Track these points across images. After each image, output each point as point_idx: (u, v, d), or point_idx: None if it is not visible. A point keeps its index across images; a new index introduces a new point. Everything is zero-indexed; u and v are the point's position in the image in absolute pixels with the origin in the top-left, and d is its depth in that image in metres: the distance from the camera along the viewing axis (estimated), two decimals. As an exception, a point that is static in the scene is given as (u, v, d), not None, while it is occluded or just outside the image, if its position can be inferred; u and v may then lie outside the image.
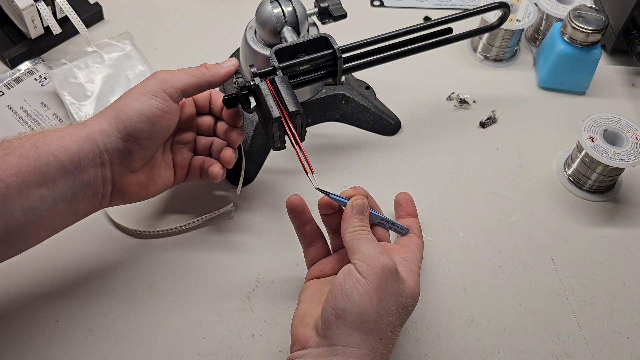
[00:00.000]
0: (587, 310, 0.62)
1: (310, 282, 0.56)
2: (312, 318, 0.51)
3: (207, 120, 0.63)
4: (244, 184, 0.68)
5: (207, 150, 0.63)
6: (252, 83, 0.56)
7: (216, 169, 0.61)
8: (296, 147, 0.54)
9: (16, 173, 0.49)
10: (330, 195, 0.55)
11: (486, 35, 0.82)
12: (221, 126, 0.62)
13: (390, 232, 0.59)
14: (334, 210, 0.56)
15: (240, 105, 0.58)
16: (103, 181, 0.54)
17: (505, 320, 0.61)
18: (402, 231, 0.59)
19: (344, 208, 0.54)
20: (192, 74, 0.56)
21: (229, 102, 0.58)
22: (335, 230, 0.57)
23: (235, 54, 0.74)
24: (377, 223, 0.58)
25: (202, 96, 0.61)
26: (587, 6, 0.76)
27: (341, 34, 0.63)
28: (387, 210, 0.68)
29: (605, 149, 0.66)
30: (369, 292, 0.47)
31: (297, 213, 0.56)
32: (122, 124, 0.53)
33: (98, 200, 0.55)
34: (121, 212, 0.66)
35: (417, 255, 0.56)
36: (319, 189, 0.54)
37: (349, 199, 0.54)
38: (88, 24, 0.82)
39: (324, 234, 0.58)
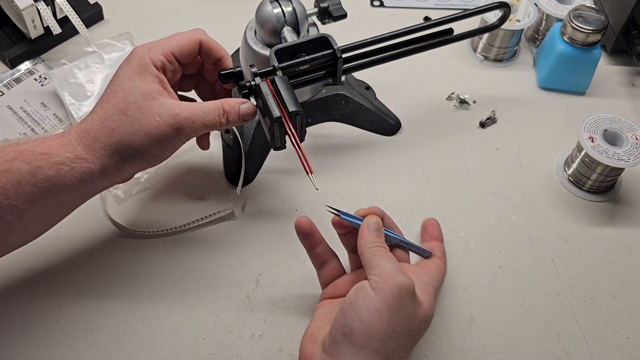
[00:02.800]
0: (587, 310, 0.62)
1: (324, 302, 0.55)
2: (321, 335, 0.50)
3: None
4: (244, 184, 0.68)
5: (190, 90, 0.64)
6: (252, 83, 0.56)
7: (204, 143, 0.62)
8: (296, 147, 0.54)
9: (31, 200, 0.50)
10: (342, 215, 0.53)
11: (486, 35, 0.82)
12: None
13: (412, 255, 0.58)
14: (347, 229, 0.55)
15: (235, 82, 0.58)
16: (113, 187, 0.58)
17: (505, 320, 0.61)
18: (425, 254, 0.58)
19: (356, 227, 0.53)
20: (210, 120, 0.55)
21: (224, 77, 0.58)
22: (354, 250, 0.55)
23: (235, 54, 0.74)
24: (396, 245, 0.56)
25: (191, 60, 0.60)
26: (587, 6, 0.76)
27: (341, 34, 0.63)
28: (388, 212, 0.68)
29: (605, 149, 0.66)
30: (379, 311, 0.46)
31: (306, 235, 0.55)
32: (139, 166, 0.55)
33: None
34: (121, 212, 0.66)
35: (434, 276, 0.54)
36: (329, 208, 0.54)
37: (363, 218, 0.53)
38: (88, 24, 0.82)
39: (336, 253, 0.57)
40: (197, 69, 0.62)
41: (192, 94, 0.65)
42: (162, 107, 0.53)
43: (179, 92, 0.63)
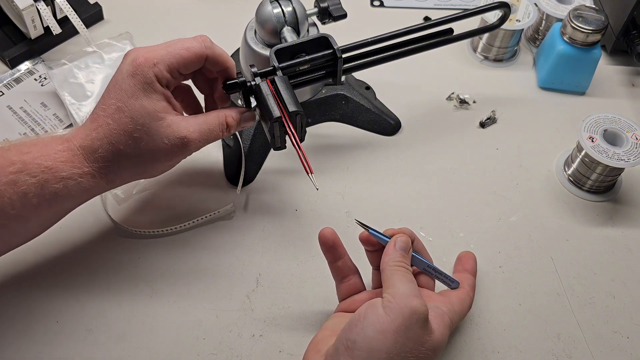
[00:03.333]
0: (587, 310, 0.62)
1: (338, 314, 0.55)
2: (326, 345, 0.49)
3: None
4: (244, 184, 0.68)
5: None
6: (252, 83, 0.56)
7: None
8: (296, 147, 0.54)
9: (36, 210, 0.51)
10: (370, 230, 0.53)
11: (486, 35, 0.82)
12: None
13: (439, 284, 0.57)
14: (374, 247, 0.54)
15: (241, 93, 0.58)
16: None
17: (505, 320, 0.61)
18: (452, 284, 0.56)
19: (383, 245, 0.52)
20: (214, 137, 0.57)
21: (229, 87, 0.57)
22: (379, 267, 0.53)
23: (235, 54, 0.74)
24: (422, 270, 0.56)
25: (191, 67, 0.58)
26: (587, 6, 0.76)
27: (341, 34, 0.63)
28: (388, 216, 0.68)
29: (605, 149, 0.66)
30: (385, 331, 0.45)
31: (329, 247, 0.54)
32: (143, 177, 0.58)
33: None
34: (121, 212, 0.66)
35: (455, 308, 0.53)
36: (358, 223, 0.54)
37: (391, 237, 0.53)
38: (88, 24, 0.82)
39: (358, 269, 0.57)
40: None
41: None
42: (169, 128, 0.54)
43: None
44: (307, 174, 0.54)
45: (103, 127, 0.53)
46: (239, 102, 0.68)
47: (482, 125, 0.77)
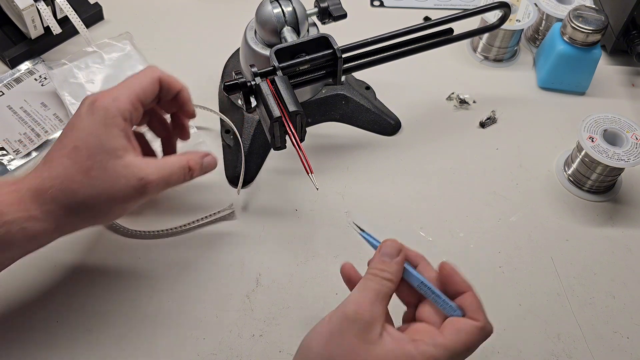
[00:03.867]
0: (587, 310, 0.62)
1: None
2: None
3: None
4: (244, 184, 0.68)
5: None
6: (252, 83, 0.57)
7: (185, 135, 0.63)
8: (296, 147, 0.54)
9: None
10: (361, 233, 0.52)
11: (486, 35, 0.82)
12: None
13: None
14: (348, 279, 0.51)
15: (241, 94, 0.57)
16: None
17: (505, 320, 0.61)
18: (454, 313, 0.47)
19: (374, 249, 0.50)
20: (175, 181, 0.55)
21: (229, 88, 0.57)
22: (408, 304, 0.50)
23: (235, 54, 0.74)
24: (417, 287, 0.48)
25: (152, 99, 0.57)
26: (587, 6, 0.76)
27: (341, 34, 0.63)
28: (388, 216, 0.68)
29: (605, 149, 0.66)
30: (320, 332, 0.45)
31: (346, 281, 0.52)
32: (98, 222, 0.57)
33: None
34: (121, 212, 0.66)
35: (444, 342, 0.44)
36: (354, 226, 0.52)
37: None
38: (88, 24, 0.82)
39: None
40: (151, 106, 0.60)
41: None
42: (127, 169, 0.51)
43: (133, 128, 0.59)
44: (307, 174, 0.54)
45: (57, 166, 0.51)
46: (239, 102, 0.68)
47: (482, 125, 0.77)
